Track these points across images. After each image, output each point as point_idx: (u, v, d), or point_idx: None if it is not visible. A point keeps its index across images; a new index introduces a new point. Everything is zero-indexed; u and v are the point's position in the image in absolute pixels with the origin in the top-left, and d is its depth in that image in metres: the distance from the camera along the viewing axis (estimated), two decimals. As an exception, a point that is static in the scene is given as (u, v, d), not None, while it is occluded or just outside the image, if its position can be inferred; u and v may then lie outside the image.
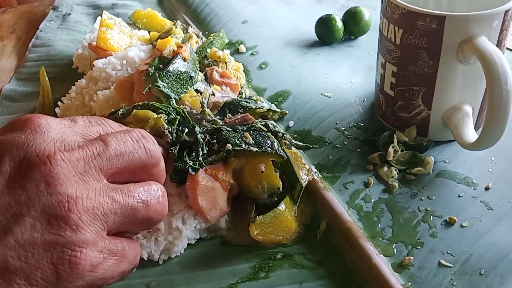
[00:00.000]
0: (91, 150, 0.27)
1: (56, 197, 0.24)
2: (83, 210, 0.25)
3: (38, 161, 0.25)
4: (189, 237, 0.42)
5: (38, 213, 0.24)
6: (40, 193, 0.24)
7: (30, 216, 0.24)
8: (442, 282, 0.36)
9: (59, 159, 0.25)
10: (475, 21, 0.40)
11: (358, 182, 0.45)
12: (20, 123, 0.27)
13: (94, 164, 0.26)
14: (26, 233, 0.23)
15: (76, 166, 0.26)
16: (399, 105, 0.48)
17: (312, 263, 0.40)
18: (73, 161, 0.26)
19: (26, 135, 0.26)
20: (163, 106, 0.45)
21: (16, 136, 0.26)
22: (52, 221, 0.24)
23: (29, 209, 0.24)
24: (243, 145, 0.44)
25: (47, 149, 0.25)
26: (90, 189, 0.26)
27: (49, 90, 0.63)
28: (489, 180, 0.43)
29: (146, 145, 0.29)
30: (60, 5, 0.91)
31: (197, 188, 0.41)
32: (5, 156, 0.25)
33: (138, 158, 0.29)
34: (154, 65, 0.51)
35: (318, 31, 0.67)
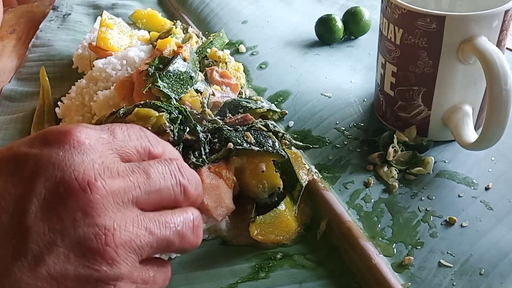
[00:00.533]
0: (132, 180, 0.25)
1: (93, 229, 0.23)
2: (120, 243, 0.23)
3: (78, 188, 0.23)
4: None
5: (73, 244, 0.22)
6: (77, 223, 0.23)
7: (64, 247, 0.22)
8: (442, 282, 0.36)
9: (100, 187, 0.24)
10: (475, 21, 0.40)
11: (358, 182, 0.45)
12: (58, 136, 0.25)
13: (133, 195, 0.25)
14: (59, 265, 0.22)
15: (116, 196, 0.24)
16: (399, 105, 0.48)
17: (312, 263, 0.40)
18: (114, 190, 0.24)
19: (64, 152, 0.24)
20: (165, 105, 0.45)
21: (53, 153, 0.24)
22: (87, 254, 0.23)
23: (63, 239, 0.22)
24: (244, 144, 0.44)
25: (87, 173, 0.24)
26: (128, 220, 0.24)
27: (49, 90, 0.63)
28: (489, 180, 0.43)
29: (182, 181, 0.28)
30: (60, 5, 0.91)
31: (202, 187, 0.41)
32: (41, 176, 0.23)
33: (173, 196, 0.28)
34: (154, 65, 0.51)
35: (318, 31, 0.67)
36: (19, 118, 0.61)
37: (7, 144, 0.56)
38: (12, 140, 0.58)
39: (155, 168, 0.27)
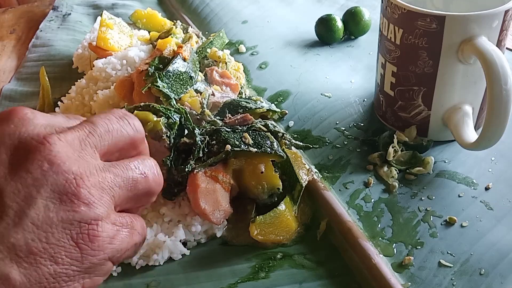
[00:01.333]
0: (82, 130, 0.27)
1: (63, 175, 0.24)
2: (91, 185, 0.25)
3: (36, 143, 0.25)
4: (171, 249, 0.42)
5: (48, 193, 0.24)
6: (46, 173, 0.24)
7: (41, 197, 0.24)
8: (442, 282, 0.36)
9: (56, 139, 0.25)
10: (475, 21, 0.40)
11: (358, 182, 0.45)
12: (4, 114, 0.27)
13: (89, 142, 0.27)
14: (41, 214, 0.23)
15: (73, 145, 0.26)
16: (399, 105, 0.48)
17: (312, 263, 0.40)
18: (69, 140, 0.26)
19: (15, 124, 0.26)
20: (164, 109, 0.45)
21: (5, 127, 0.26)
22: (64, 199, 0.24)
23: (38, 190, 0.24)
24: (242, 145, 0.44)
25: (41, 132, 0.25)
26: (91, 166, 0.26)
27: (49, 90, 0.63)
28: (489, 180, 0.43)
29: (131, 121, 0.30)
30: (60, 5, 0.91)
31: (198, 191, 0.41)
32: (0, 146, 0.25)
33: (126, 134, 0.29)
34: (154, 65, 0.51)
35: (318, 31, 0.67)
36: (19, 118, 0.61)
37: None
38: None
39: (98, 117, 0.29)
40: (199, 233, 0.43)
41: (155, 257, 0.41)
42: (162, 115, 0.45)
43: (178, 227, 0.42)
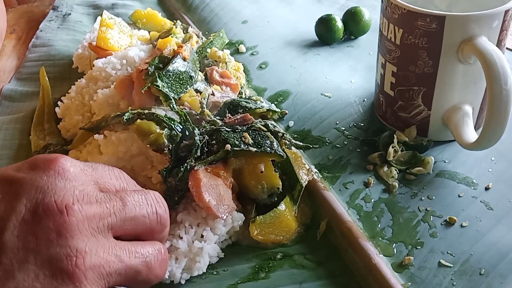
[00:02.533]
0: (108, 207, 0.26)
1: (65, 250, 0.24)
2: (89, 267, 0.24)
3: (55, 209, 0.24)
4: (211, 253, 0.41)
5: (44, 263, 0.23)
6: (50, 243, 0.24)
7: (35, 265, 0.23)
8: (442, 282, 0.36)
9: (77, 210, 0.25)
10: (475, 21, 0.40)
11: (358, 182, 0.45)
12: (45, 163, 0.26)
13: (108, 222, 0.26)
14: (28, 282, 0.23)
15: (91, 221, 0.25)
16: (399, 105, 0.48)
17: (312, 263, 0.40)
18: (89, 215, 0.25)
19: (48, 177, 0.25)
20: (168, 119, 0.45)
21: (37, 177, 0.25)
22: (56, 274, 0.23)
23: (36, 258, 0.23)
24: (242, 145, 0.44)
25: (66, 198, 0.25)
26: (99, 245, 0.25)
27: (49, 90, 0.63)
28: (489, 180, 0.43)
29: (159, 211, 0.29)
30: (60, 5, 0.91)
31: (201, 185, 0.41)
32: (23, 196, 0.24)
33: (148, 224, 0.29)
34: (154, 65, 0.51)
35: (318, 31, 0.67)
36: (19, 118, 0.61)
37: (7, 144, 0.57)
38: (12, 140, 0.58)
39: (132, 197, 0.28)
40: (224, 234, 0.42)
41: (198, 266, 0.40)
42: (165, 126, 0.44)
43: (206, 230, 0.41)
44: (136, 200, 0.28)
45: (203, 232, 0.41)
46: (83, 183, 0.27)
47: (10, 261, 0.23)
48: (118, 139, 0.45)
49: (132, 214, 0.27)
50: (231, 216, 0.42)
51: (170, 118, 0.46)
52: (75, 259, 0.24)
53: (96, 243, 0.25)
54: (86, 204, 0.25)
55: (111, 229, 0.26)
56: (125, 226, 0.27)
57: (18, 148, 0.56)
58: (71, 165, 0.27)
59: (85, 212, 0.25)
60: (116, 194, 0.28)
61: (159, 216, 0.29)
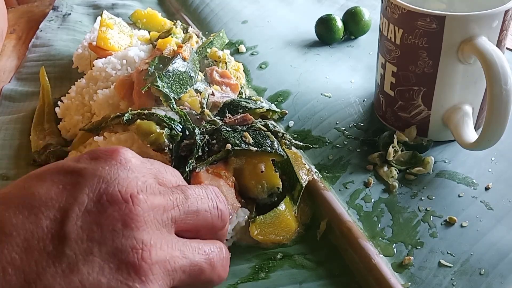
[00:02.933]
0: (172, 199, 0.26)
1: (131, 242, 0.23)
2: (156, 261, 0.23)
3: (120, 198, 0.23)
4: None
5: (109, 255, 0.22)
6: (115, 234, 0.23)
7: (100, 257, 0.22)
8: (442, 282, 0.36)
9: (142, 200, 0.24)
10: (475, 21, 0.40)
11: (358, 182, 0.45)
12: (106, 153, 0.26)
13: (172, 215, 0.25)
14: (92, 276, 0.22)
15: (156, 212, 0.24)
16: (399, 105, 0.48)
17: (312, 263, 0.40)
18: (155, 205, 0.24)
19: (110, 167, 0.25)
20: (168, 119, 0.45)
21: (99, 167, 0.25)
22: (121, 268, 0.22)
23: (100, 249, 0.22)
24: (242, 144, 0.44)
25: (131, 187, 0.24)
26: (164, 239, 0.24)
27: (49, 90, 0.63)
28: (489, 180, 0.43)
29: (220, 206, 0.28)
30: (60, 5, 0.91)
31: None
32: (85, 186, 0.24)
33: (210, 219, 0.28)
34: (154, 65, 0.51)
35: (318, 31, 0.67)
36: (19, 118, 0.61)
37: (7, 144, 0.57)
38: (12, 140, 0.58)
39: (193, 190, 0.27)
40: (230, 231, 0.42)
41: None
42: (165, 125, 0.45)
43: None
44: (197, 193, 0.27)
45: None
46: (144, 175, 0.26)
47: (73, 253, 0.22)
48: (118, 139, 0.45)
49: (195, 207, 0.27)
50: (236, 214, 0.42)
51: (170, 118, 0.46)
52: (142, 252, 0.23)
53: (160, 237, 0.24)
54: (151, 194, 0.25)
55: (174, 223, 0.25)
56: (188, 220, 0.26)
57: (18, 148, 0.56)
58: (133, 156, 0.26)
59: (151, 203, 0.24)
60: (177, 187, 0.27)
61: (220, 211, 0.28)
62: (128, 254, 0.22)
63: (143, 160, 0.27)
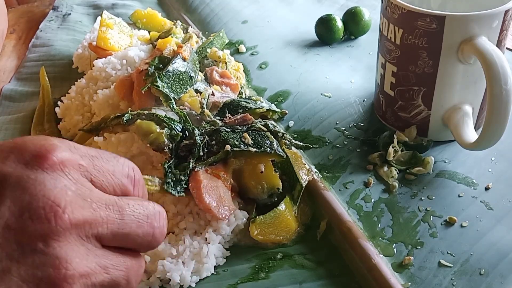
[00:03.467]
0: (102, 217, 0.24)
1: (52, 260, 0.22)
2: (77, 279, 0.22)
3: (43, 216, 0.22)
4: (216, 254, 0.41)
5: (28, 275, 0.21)
6: (36, 253, 0.22)
7: (18, 277, 0.21)
8: (442, 282, 0.36)
9: (66, 218, 0.22)
10: (475, 21, 0.40)
11: (358, 182, 0.45)
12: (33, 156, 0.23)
13: (99, 232, 0.24)
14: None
15: (80, 229, 0.23)
16: (399, 105, 0.48)
17: (312, 263, 0.40)
18: (80, 223, 0.23)
19: (37, 174, 0.23)
20: (168, 119, 0.45)
21: (24, 174, 0.23)
22: (41, 287, 0.21)
23: (19, 268, 0.21)
24: (242, 145, 0.44)
25: (56, 201, 0.22)
26: (88, 254, 0.23)
27: (49, 90, 0.63)
28: (489, 180, 0.43)
29: (156, 234, 0.27)
30: (60, 5, 0.91)
31: (201, 186, 0.41)
32: (7, 197, 0.22)
33: (139, 243, 0.26)
34: (154, 65, 0.51)
35: (318, 31, 0.67)
36: (19, 118, 0.61)
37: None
38: (12, 140, 0.58)
39: (132, 210, 0.25)
40: (229, 233, 0.42)
41: (206, 267, 0.39)
42: (165, 125, 0.45)
43: (209, 232, 0.40)
44: (135, 216, 0.25)
45: (206, 234, 0.41)
46: (77, 181, 0.24)
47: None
48: (118, 139, 0.45)
49: (127, 230, 0.25)
50: (234, 215, 0.42)
51: (170, 118, 0.46)
52: (64, 271, 0.22)
53: (83, 252, 0.23)
54: (78, 208, 0.23)
55: (98, 239, 0.24)
56: (114, 240, 0.25)
57: (18, 148, 0.56)
58: (64, 160, 0.24)
59: (76, 220, 0.23)
60: (115, 203, 0.25)
61: (154, 238, 0.27)
62: (49, 273, 0.22)
63: (81, 161, 0.25)
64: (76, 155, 0.25)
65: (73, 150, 0.25)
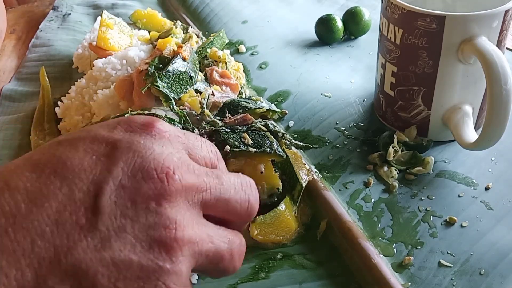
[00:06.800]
0: (206, 181, 0.25)
1: (164, 221, 0.22)
2: (187, 242, 0.23)
3: (155, 176, 0.23)
4: None
5: (141, 233, 0.22)
6: (149, 212, 0.22)
7: (133, 235, 0.21)
8: (442, 282, 0.36)
9: (177, 179, 0.23)
10: (475, 21, 0.40)
11: (358, 182, 0.45)
12: (142, 126, 0.25)
13: (203, 197, 0.24)
14: (124, 253, 0.21)
15: (189, 193, 0.23)
16: (399, 105, 0.48)
17: (312, 263, 0.40)
18: (188, 186, 0.23)
19: (146, 140, 0.24)
20: (168, 120, 0.45)
21: (134, 140, 0.24)
22: (153, 247, 0.22)
23: (133, 226, 0.22)
24: (241, 146, 0.44)
25: (166, 164, 0.23)
26: (195, 221, 0.24)
27: (49, 90, 0.63)
28: (489, 180, 0.43)
29: (251, 200, 0.27)
30: (60, 5, 0.91)
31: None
32: (120, 159, 0.23)
33: (238, 210, 0.26)
34: (154, 65, 0.51)
35: (318, 31, 0.67)
36: (19, 118, 0.61)
37: (7, 144, 0.57)
38: (12, 140, 0.58)
39: (228, 178, 0.26)
40: None
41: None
42: None
43: None
44: (232, 182, 0.26)
45: None
46: (179, 151, 0.25)
47: (106, 229, 0.21)
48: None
49: (227, 195, 0.25)
50: None
51: (170, 118, 0.46)
52: (174, 232, 0.22)
53: (192, 218, 0.23)
54: (185, 173, 0.24)
55: (203, 205, 0.24)
56: (217, 207, 0.25)
57: (18, 148, 0.56)
58: (167, 130, 0.25)
59: (185, 182, 0.23)
60: (212, 170, 0.26)
61: (250, 206, 0.27)
62: (160, 233, 0.22)
63: (178, 133, 0.26)
64: (175, 128, 0.26)
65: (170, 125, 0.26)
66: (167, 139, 0.25)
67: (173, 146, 0.25)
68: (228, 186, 0.26)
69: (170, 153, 0.24)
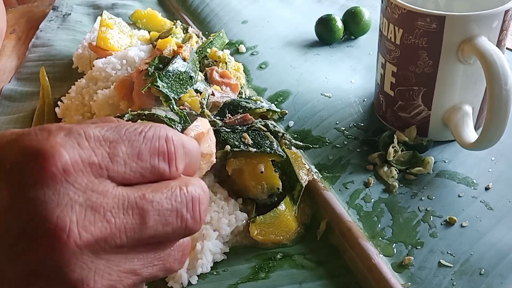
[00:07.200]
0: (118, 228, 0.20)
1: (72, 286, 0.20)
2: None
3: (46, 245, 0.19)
4: (213, 250, 0.40)
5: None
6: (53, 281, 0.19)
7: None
8: (442, 282, 0.36)
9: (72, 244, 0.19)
10: (475, 21, 0.40)
11: (358, 182, 0.45)
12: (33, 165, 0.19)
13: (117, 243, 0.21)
14: None
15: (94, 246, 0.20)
16: (399, 105, 0.48)
17: (312, 263, 0.40)
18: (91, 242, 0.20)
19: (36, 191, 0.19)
20: (168, 120, 0.45)
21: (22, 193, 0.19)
22: None
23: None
24: (241, 146, 0.44)
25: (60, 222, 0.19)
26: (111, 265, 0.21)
27: (49, 90, 0.63)
28: (489, 180, 0.43)
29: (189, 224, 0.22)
30: (60, 5, 0.91)
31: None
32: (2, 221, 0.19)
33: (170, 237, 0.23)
34: (154, 65, 0.51)
35: (318, 31, 0.67)
36: (19, 118, 0.61)
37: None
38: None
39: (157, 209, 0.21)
40: (229, 234, 0.42)
41: (200, 263, 0.39)
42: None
43: (205, 228, 0.40)
44: (161, 214, 0.21)
45: (204, 230, 0.40)
46: (87, 188, 0.20)
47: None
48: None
49: (152, 233, 0.21)
50: (234, 216, 0.42)
51: (170, 118, 0.46)
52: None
53: (104, 265, 0.20)
54: (87, 227, 0.20)
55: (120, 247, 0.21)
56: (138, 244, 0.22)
57: (18, 148, 0.56)
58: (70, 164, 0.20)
59: (86, 241, 0.19)
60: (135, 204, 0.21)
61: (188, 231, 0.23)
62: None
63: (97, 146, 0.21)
64: (86, 151, 0.20)
65: (82, 144, 0.20)
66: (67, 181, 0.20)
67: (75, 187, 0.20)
68: (155, 221, 0.21)
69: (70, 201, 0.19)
